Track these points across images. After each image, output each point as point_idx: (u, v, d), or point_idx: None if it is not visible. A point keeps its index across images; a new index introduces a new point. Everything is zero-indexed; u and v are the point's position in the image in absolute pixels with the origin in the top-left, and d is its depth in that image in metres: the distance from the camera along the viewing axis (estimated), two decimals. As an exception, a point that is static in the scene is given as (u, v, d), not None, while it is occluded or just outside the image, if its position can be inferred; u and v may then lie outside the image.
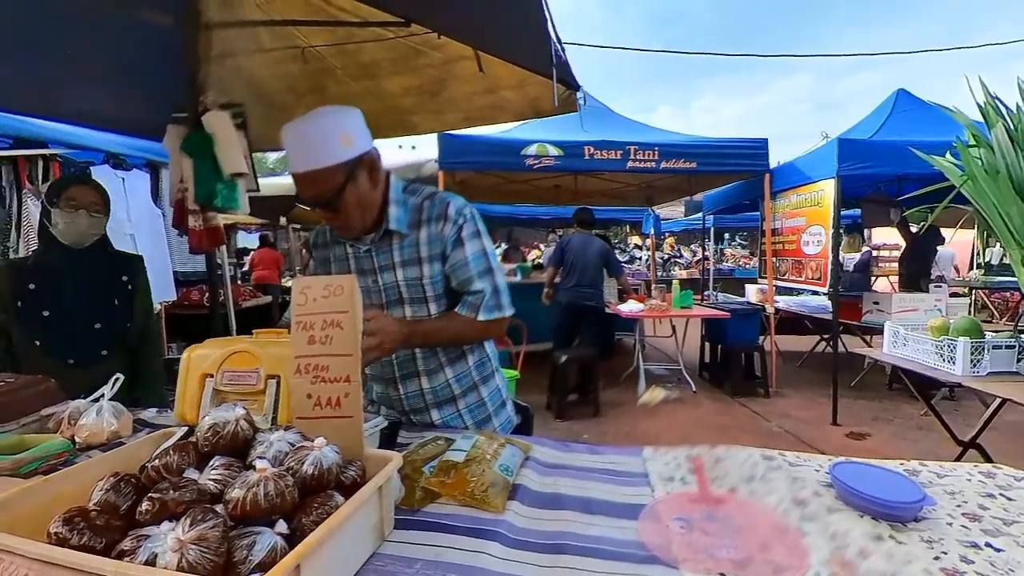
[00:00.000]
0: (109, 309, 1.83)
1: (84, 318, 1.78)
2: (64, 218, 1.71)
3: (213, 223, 2.05)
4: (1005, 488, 1.01)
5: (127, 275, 1.88)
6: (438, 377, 1.40)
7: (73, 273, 1.76)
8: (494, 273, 1.36)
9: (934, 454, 3.36)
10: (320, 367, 0.92)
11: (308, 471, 0.74)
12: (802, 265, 4.72)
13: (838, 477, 0.96)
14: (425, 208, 1.33)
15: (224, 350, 1.04)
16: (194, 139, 1.98)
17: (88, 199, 1.74)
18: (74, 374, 1.67)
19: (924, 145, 3.98)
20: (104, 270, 1.84)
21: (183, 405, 1.04)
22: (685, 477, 1.08)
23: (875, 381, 4.96)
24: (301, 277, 0.97)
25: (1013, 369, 2.08)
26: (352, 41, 2.43)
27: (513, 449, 1.13)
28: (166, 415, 1.52)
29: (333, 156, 1.16)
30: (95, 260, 1.81)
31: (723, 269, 13.34)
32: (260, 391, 1.00)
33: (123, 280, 1.87)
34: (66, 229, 1.72)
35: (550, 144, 4.73)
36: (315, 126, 1.16)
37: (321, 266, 1.47)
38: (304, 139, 1.16)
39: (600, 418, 4.34)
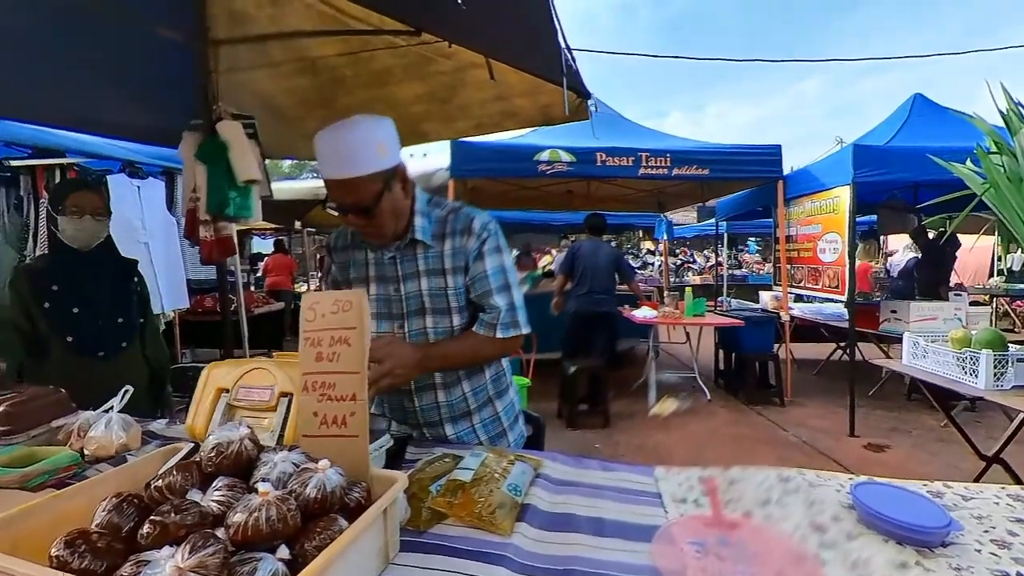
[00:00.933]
0: (127, 306, 1.94)
1: (109, 313, 1.89)
2: (71, 224, 1.78)
3: (224, 233, 2.07)
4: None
5: (136, 276, 2.00)
6: (455, 390, 1.39)
7: (90, 273, 1.85)
8: (511, 289, 1.35)
9: (955, 468, 3.28)
10: (327, 384, 0.91)
11: (311, 494, 0.73)
12: (819, 273, 4.63)
13: (861, 499, 0.92)
14: (450, 221, 1.34)
15: (242, 368, 1.04)
16: (208, 146, 2.00)
17: (92, 204, 1.81)
18: (103, 367, 1.81)
19: (942, 151, 3.90)
20: (116, 269, 1.95)
21: (195, 419, 1.04)
22: (698, 499, 1.04)
23: (893, 391, 4.85)
24: (310, 292, 0.96)
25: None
26: (364, 50, 2.44)
27: (523, 466, 1.11)
28: (176, 427, 1.52)
29: (371, 164, 1.17)
30: (107, 260, 1.92)
31: (736, 275, 13.21)
32: (271, 407, 1.00)
33: (134, 281, 1.99)
34: (75, 235, 1.79)
35: (562, 150, 4.71)
36: (353, 134, 1.17)
37: (340, 271, 1.46)
38: (342, 146, 1.17)
39: (612, 428, 4.29)
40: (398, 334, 1.35)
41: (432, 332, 1.35)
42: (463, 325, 1.36)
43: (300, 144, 3.12)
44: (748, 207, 6.05)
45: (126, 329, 1.93)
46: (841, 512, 0.94)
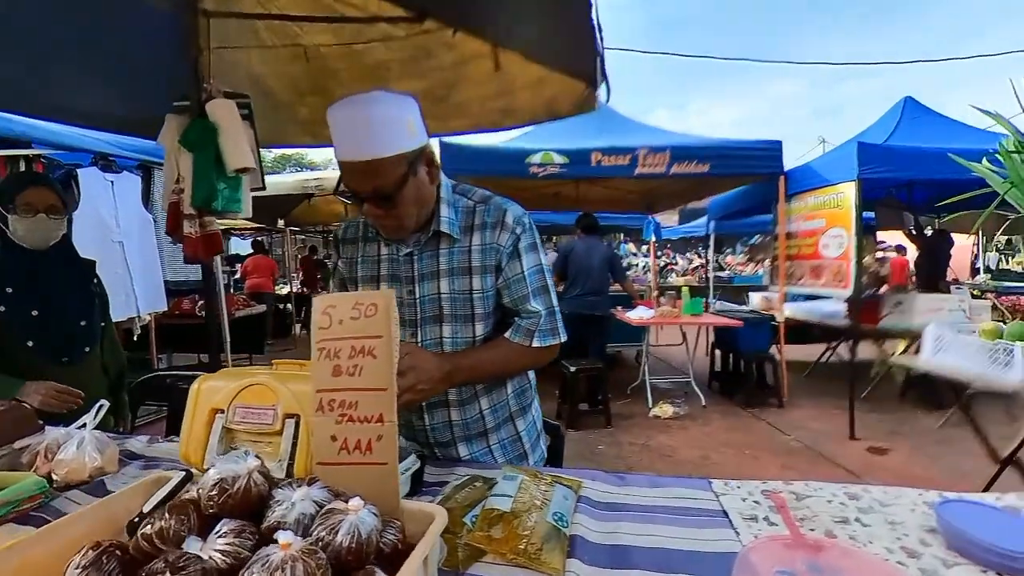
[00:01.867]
0: (89, 308, 1.80)
1: (72, 316, 1.75)
2: (22, 224, 1.62)
3: (210, 229, 1.87)
4: None
5: (95, 278, 1.86)
6: (471, 408, 1.23)
7: (48, 273, 1.71)
8: (550, 292, 1.21)
9: (959, 471, 3.25)
10: (347, 404, 0.77)
11: (343, 543, 0.59)
12: (821, 268, 4.59)
13: (950, 521, 0.82)
14: (479, 212, 1.17)
15: (238, 383, 0.88)
16: (195, 130, 1.80)
17: (46, 202, 1.64)
18: (66, 373, 1.66)
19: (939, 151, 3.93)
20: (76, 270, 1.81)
21: (188, 444, 0.89)
22: (769, 516, 0.93)
23: (886, 391, 4.83)
24: (324, 294, 0.82)
25: None
26: (358, 41, 2.29)
27: (563, 490, 0.98)
28: (158, 445, 1.36)
29: (397, 144, 1.01)
30: (66, 260, 1.77)
31: (721, 277, 13.28)
32: (277, 432, 0.85)
33: (93, 282, 1.84)
34: (26, 235, 1.63)
35: (555, 152, 4.60)
36: (379, 109, 1.00)
37: (347, 267, 1.29)
38: (365, 123, 0.99)
39: (613, 429, 4.21)
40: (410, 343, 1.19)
41: (449, 343, 1.18)
42: (486, 335, 1.20)
43: (291, 131, 2.95)
44: (744, 204, 6.01)
45: (89, 333, 1.80)
46: (926, 536, 0.86)
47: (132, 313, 3.38)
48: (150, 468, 1.21)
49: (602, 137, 4.81)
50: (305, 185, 5.87)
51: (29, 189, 1.64)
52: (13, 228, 1.62)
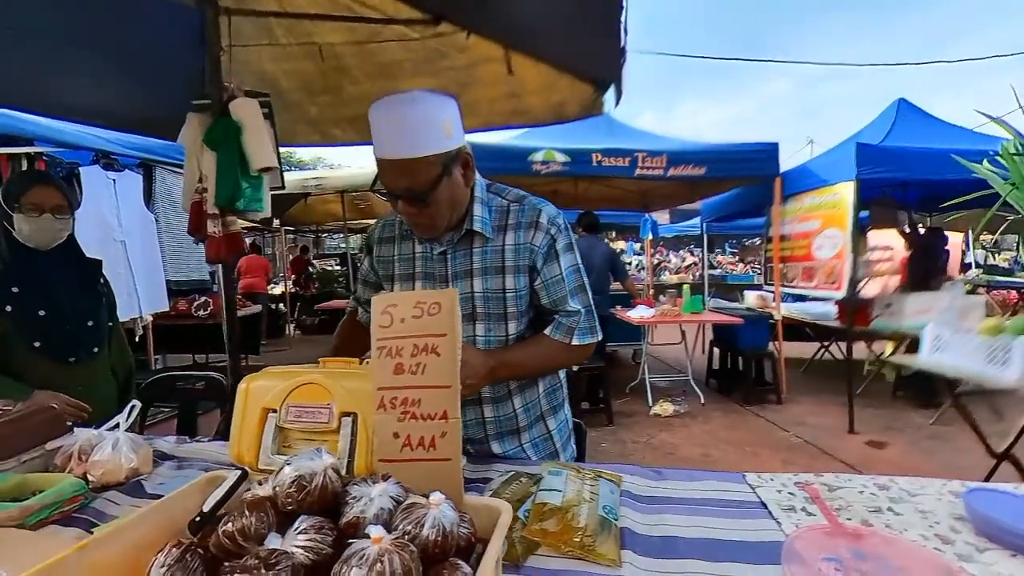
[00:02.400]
0: (96, 308, 1.79)
1: (79, 316, 1.73)
2: (28, 223, 1.61)
3: (233, 229, 1.86)
4: None
5: (102, 278, 1.84)
6: (504, 406, 1.25)
7: (54, 273, 1.69)
8: (587, 291, 1.24)
9: (954, 466, 3.32)
10: (410, 401, 0.78)
11: (429, 536, 0.60)
12: (813, 270, 4.67)
13: (978, 509, 0.86)
14: (513, 212, 1.19)
15: (288, 382, 0.89)
16: (219, 128, 1.78)
17: (52, 202, 1.63)
18: (75, 373, 1.68)
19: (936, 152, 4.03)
20: (82, 269, 1.80)
21: (240, 444, 0.89)
22: (807, 507, 0.96)
23: (880, 389, 4.91)
24: (382, 293, 0.83)
25: None
26: (373, 40, 2.29)
27: (608, 484, 1.00)
28: (187, 445, 1.35)
29: (434, 145, 1.03)
30: (71, 260, 1.76)
31: (714, 275, 13.40)
32: (333, 430, 0.85)
33: (100, 283, 1.83)
34: (32, 235, 1.62)
35: (558, 151, 4.63)
36: (417, 110, 1.02)
37: (383, 265, 1.29)
38: (403, 122, 1.02)
39: (615, 427, 4.24)
40: None
41: (482, 341, 1.20)
42: (519, 334, 1.22)
43: (300, 130, 2.94)
44: (736, 207, 6.08)
45: (96, 333, 1.78)
46: (956, 523, 0.89)
47: (135, 313, 3.35)
48: (184, 468, 1.22)
49: (602, 140, 4.85)
50: (304, 184, 5.83)
51: (35, 188, 1.62)
52: (19, 228, 1.61)
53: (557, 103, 2.58)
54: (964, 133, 4.84)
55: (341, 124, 2.88)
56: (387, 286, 1.28)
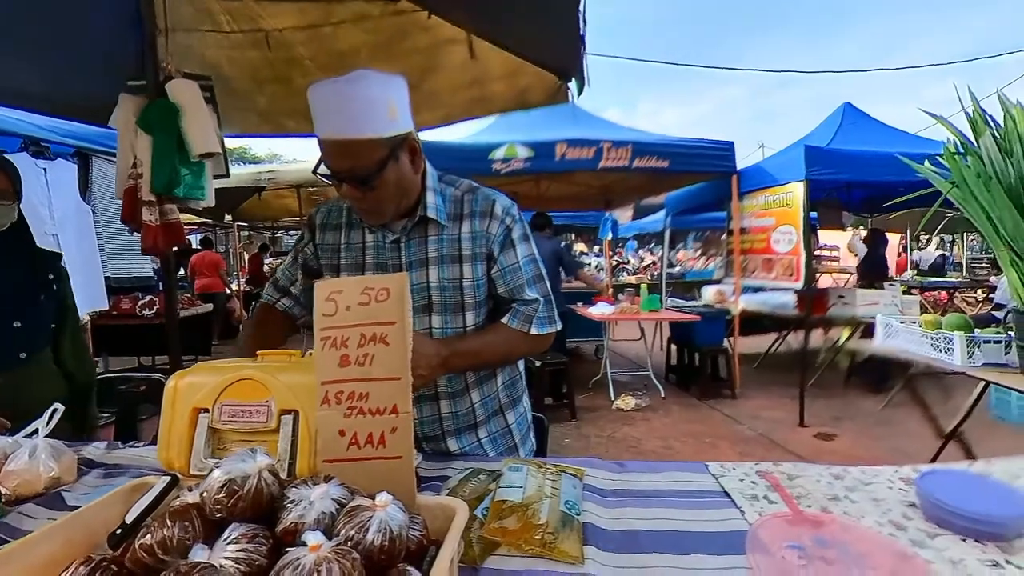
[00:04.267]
0: (33, 308, 1.60)
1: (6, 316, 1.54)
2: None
3: (171, 217, 1.72)
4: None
5: (53, 274, 1.65)
6: (462, 401, 1.20)
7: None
8: (544, 281, 1.20)
9: (901, 451, 3.48)
10: (357, 395, 0.73)
11: (375, 541, 0.55)
12: (772, 263, 4.82)
13: (928, 494, 0.86)
14: (467, 201, 1.15)
15: (221, 377, 0.81)
16: (156, 110, 1.65)
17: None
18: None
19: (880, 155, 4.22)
20: (27, 262, 1.61)
21: (169, 448, 0.81)
22: (768, 495, 0.96)
23: (832, 378, 5.12)
24: (325, 279, 0.77)
25: (1003, 361, 2.14)
26: (326, 23, 2.19)
27: (570, 479, 0.97)
28: (119, 451, 1.25)
29: (379, 126, 0.98)
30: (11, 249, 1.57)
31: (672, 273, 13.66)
32: (272, 430, 0.78)
33: (49, 279, 1.63)
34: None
35: (520, 145, 4.58)
36: (360, 89, 0.97)
37: (328, 254, 1.21)
38: (346, 101, 0.97)
39: (578, 422, 4.25)
40: None
41: (439, 333, 1.15)
42: (477, 324, 1.18)
43: (249, 120, 2.80)
44: (701, 200, 6.21)
45: (26, 336, 1.59)
46: (907, 510, 0.90)
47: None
48: (112, 476, 1.11)
49: (566, 130, 4.83)
50: (257, 178, 5.60)
51: None
52: None
53: (522, 89, 2.54)
54: (905, 136, 5.08)
55: (295, 116, 2.76)
56: (330, 276, 1.21)
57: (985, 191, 2.02)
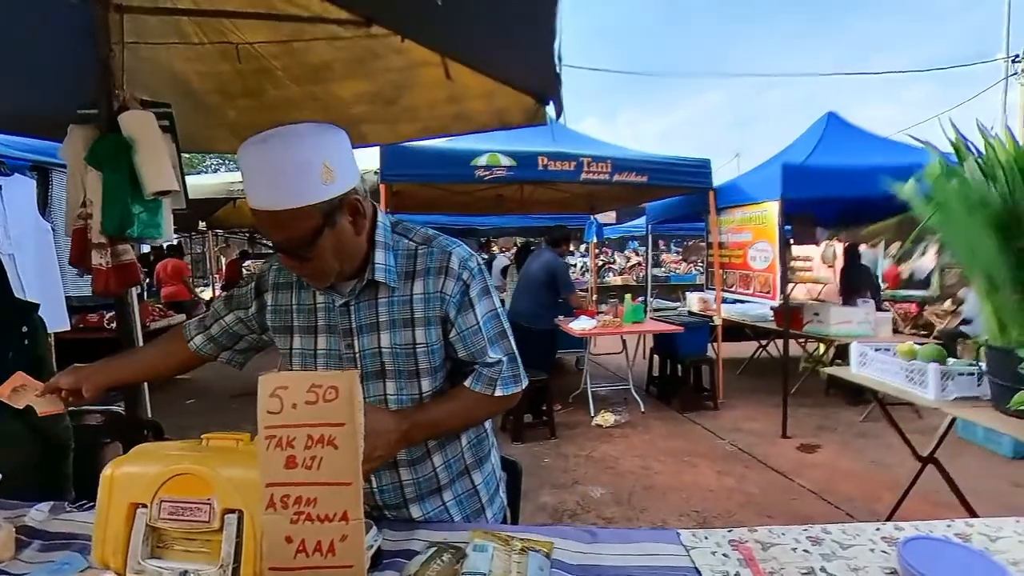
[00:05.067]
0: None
1: None
2: None
3: (125, 259, 1.61)
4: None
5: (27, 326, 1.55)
6: (423, 466, 1.13)
7: None
8: (508, 337, 1.12)
9: (882, 465, 3.51)
10: (304, 500, 0.67)
11: None
12: (750, 279, 4.84)
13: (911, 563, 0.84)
14: (421, 256, 1.07)
15: (162, 469, 0.75)
16: (106, 146, 1.55)
17: None
18: None
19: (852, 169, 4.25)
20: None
21: (104, 544, 0.74)
22: (740, 572, 0.92)
23: (813, 387, 5.15)
24: (270, 373, 0.71)
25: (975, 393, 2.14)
26: (299, 39, 2.12)
27: (536, 558, 0.92)
28: (68, 515, 1.16)
29: (309, 194, 0.89)
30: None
31: (658, 276, 13.76)
32: (215, 531, 0.73)
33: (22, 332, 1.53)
34: None
35: (502, 154, 4.54)
36: (287, 152, 0.88)
37: (279, 315, 1.14)
38: (273, 168, 0.88)
39: (558, 440, 4.22)
40: None
41: (394, 400, 1.08)
42: (435, 389, 1.10)
43: (219, 136, 2.71)
44: (680, 211, 6.23)
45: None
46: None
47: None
48: (55, 550, 1.03)
49: (546, 144, 4.81)
50: (230, 188, 5.45)
51: None
52: None
53: (500, 109, 2.49)
54: (888, 144, 5.08)
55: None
56: (280, 339, 1.14)
57: (967, 216, 2.02)
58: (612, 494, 3.23)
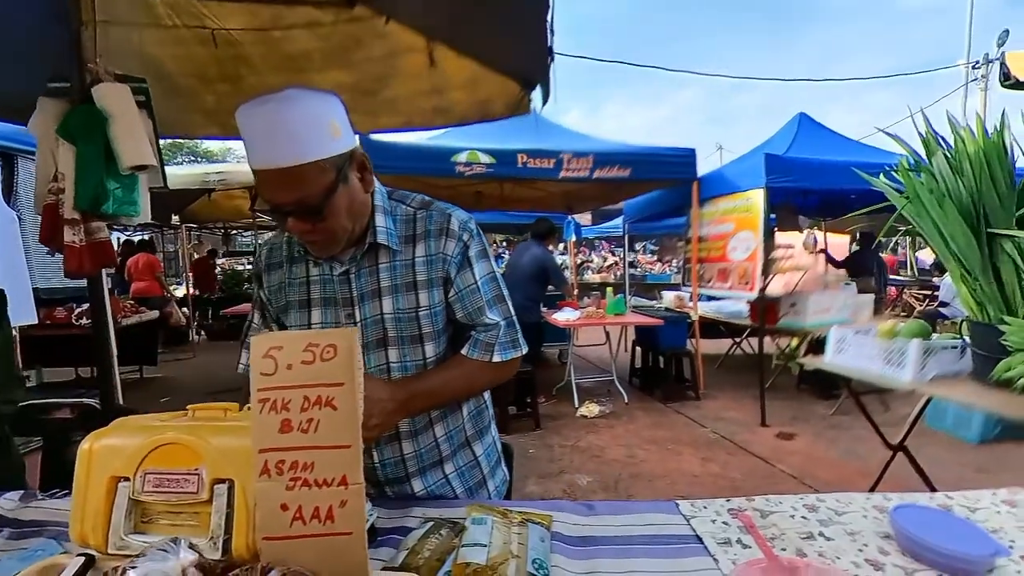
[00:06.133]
0: None
1: None
2: None
3: (99, 236, 1.55)
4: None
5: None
6: (425, 437, 1.12)
7: None
8: (506, 301, 1.12)
9: (854, 453, 3.60)
10: (301, 465, 0.65)
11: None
12: (728, 271, 4.91)
13: (905, 527, 0.87)
14: (420, 220, 1.06)
15: (145, 440, 0.71)
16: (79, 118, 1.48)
17: None
18: None
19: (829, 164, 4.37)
20: None
21: (83, 521, 0.70)
22: (741, 538, 0.93)
23: (786, 382, 5.27)
24: (263, 333, 0.68)
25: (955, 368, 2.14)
26: (277, 27, 2.06)
27: (537, 530, 0.91)
28: (39, 503, 1.11)
29: (323, 148, 0.88)
30: None
31: (635, 275, 13.90)
32: (204, 502, 0.69)
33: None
34: None
35: (481, 152, 4.54)
36: (296, 108, 0.86)
37: (274, 294, 1.12)
38: (282, 124, 0.85)
39: (542, 431, 4.22)
40: None
41: (397, 368, 1.07)
42: (438, 355, 1.09)
43: (195, 121, 2.63)
44: (658, 208, 6.29)
45: None
46: (884, 544, 0.91)
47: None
48: (27, 537, 0.98)
49: (527, 139, 4.81)
50: (205, 180, 5.30)
51: None
52: None
53: (483, 100, 2.48)
54: (856, 145, 5.28)
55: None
56: (283, 318, 1.11)
57: (938, 207, 2.07)
58: (599, 482, 3.25)
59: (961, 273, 2.09)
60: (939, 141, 2.15)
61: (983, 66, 13.49)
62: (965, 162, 2.00)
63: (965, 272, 2.07)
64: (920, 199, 2.12)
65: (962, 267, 2.08)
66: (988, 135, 2.01)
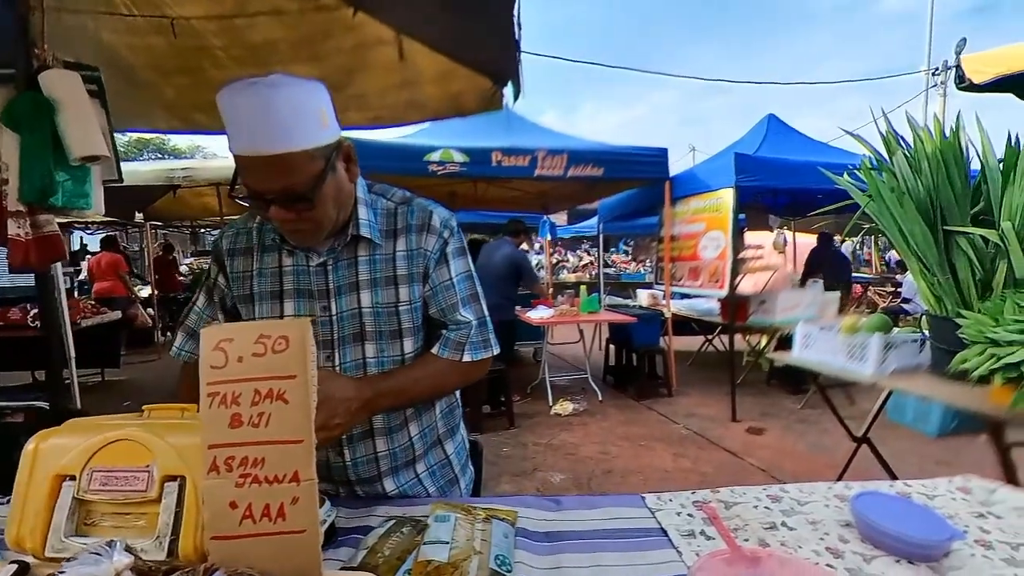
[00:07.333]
0: None
1: None
2: None
3: (48, 230, 1.48)
4: (987, 504, 1.01)
5: None
6: (400, 435, 1.10)
7: None
8: (481, 301, 1.11)
9: (821, 447, 3.69)
10: (251, 461, 0.62)
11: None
12: (699, 270, 4.99)
13: (864, 515, 0.89)
14: (401, 215, 1.05)
15: (94, 439, 0.68)
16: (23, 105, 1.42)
17: None
18: None
19: (797, 164, 4.48)
20: None
21: (20, 524, 0.66)
22: (705, 530, 0.94)
23: (755, 378, 5.40)
24: (215, 324, 0.65)
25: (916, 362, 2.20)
26: (241, 15, 2.00)
27: (501, 526, 0.90)
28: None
29: (312, 137, 0.86)
30: None
31: (609, 274, 14.02)
32: (152, 500, 0.66)
33: None
34: None
35: (455, 150, 4.51)
36: (287, 95, 0.83)
37: (239, 283, 1.06)
38: (272, 110, 0.82)
39: (517, 429, 4.22)
40: (325, 368, 1.02)
41: (374, 364, 1.04)
42: (416, 351, 1.08)
43: (154, 114, 2.53)
44: (632, 207, 6.35)
45: None
46: (844, 532, 0.92)
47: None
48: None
49: (502, 137, 4.80)
50: (170, 176, 5.14)
51: None
52: None
53: (455, 94, 2.44)
54: (822, 147, 5.42)
55: (206, 110, 2.52)
56: (243, 309, 1.06)
57: (898, 205, 2.14)
58: (572, 479, 3.26)
59: (920, 268, 2.16)
60: (899, 141, 2.22)
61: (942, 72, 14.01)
62: (924, 161, 2.06)
63: (924, 267, 2.13)
64: (882, 197, 2.18)
65: (921, 263, 2.14)
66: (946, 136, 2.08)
